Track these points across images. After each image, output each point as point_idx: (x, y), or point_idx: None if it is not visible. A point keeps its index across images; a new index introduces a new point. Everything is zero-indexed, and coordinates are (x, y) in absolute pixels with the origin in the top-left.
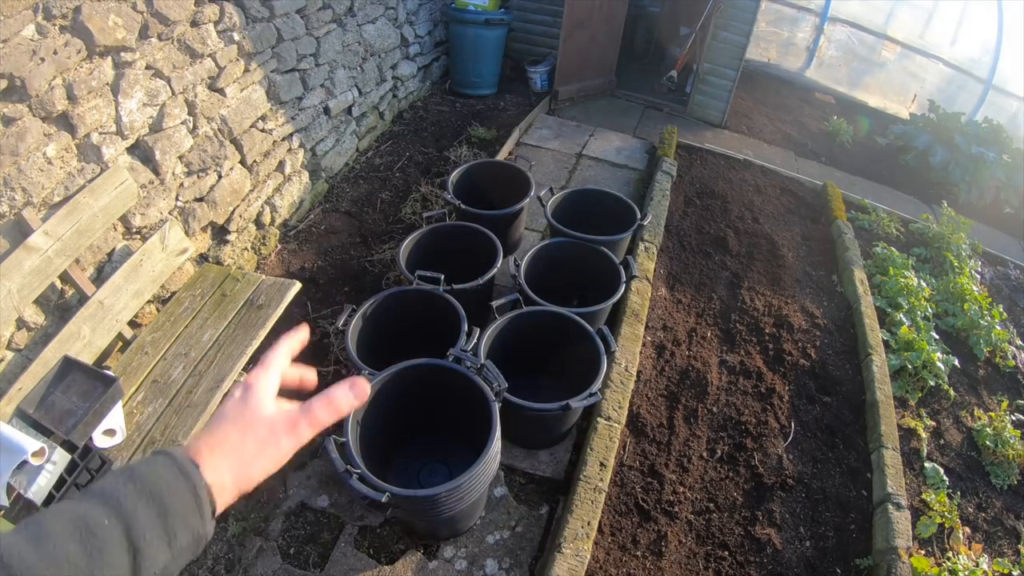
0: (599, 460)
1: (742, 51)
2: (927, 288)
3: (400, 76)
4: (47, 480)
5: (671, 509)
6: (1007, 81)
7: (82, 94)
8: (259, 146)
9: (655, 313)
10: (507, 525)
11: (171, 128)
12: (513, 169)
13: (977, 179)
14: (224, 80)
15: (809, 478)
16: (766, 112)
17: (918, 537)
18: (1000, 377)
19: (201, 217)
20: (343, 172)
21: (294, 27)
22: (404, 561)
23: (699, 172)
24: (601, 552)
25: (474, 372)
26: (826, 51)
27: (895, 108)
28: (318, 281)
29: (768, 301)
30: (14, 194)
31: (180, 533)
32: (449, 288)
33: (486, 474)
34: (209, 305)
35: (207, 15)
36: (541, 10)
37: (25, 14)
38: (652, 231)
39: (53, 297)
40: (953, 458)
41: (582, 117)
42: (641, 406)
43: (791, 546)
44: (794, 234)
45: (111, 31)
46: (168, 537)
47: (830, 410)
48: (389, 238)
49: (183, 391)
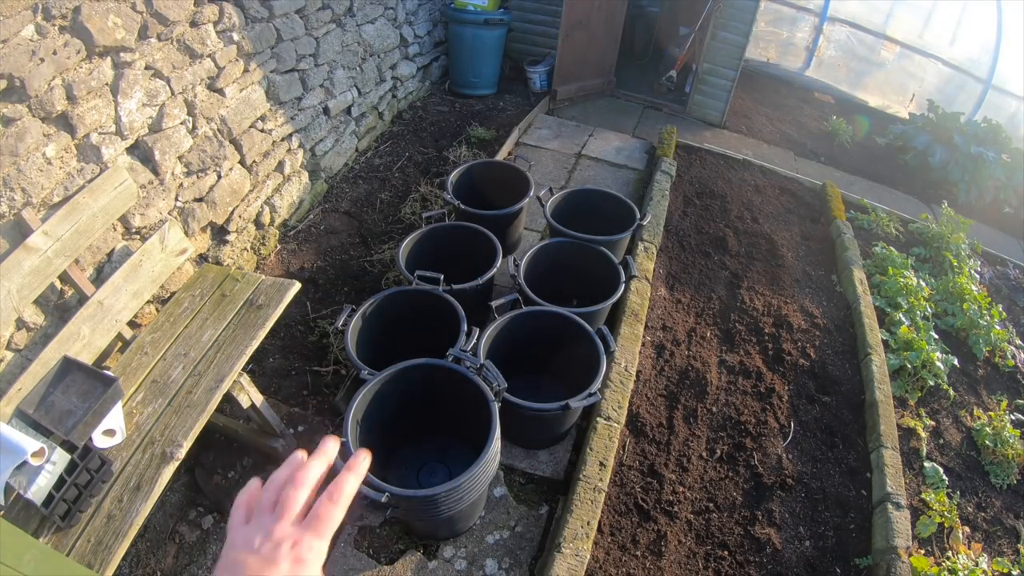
0: (599, 460)
1: (741, 51)
2: (926, 288)
3: (399, 76)
4: (47, 480)
5: (671, 509)
6: (1006, 81)
7: (81, 94)
8: (258, 146)
9: (654, 313)
10: (507, 525)
11: (170, 128)
12: (512, 169)
13: (976, 179)
14: (223, 80)
15: (809, 478)
16: (765, 112)
17: (917, 537)
18: (999, 377)
19: (200, 217)
20: (342, 172)
21: (293, 27)
22: (404, 561)
23: (698, 172)
24: (601, 552)
25: (474, 372)
26: (825, 51)
27: (894, 108)
28: (318, 281)
29: (767, 301)
30: (13, 194)
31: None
32: (448, 288)
33: (486, 474)
34: (209, 305)
35: (206, 15)
36: (540, 10)
37: (24, 14)
38: (651, 231)
39: (53, 297)
40: (953, 458)
41: (581, 117)
42: (641, 406)
43: (791, 546)
44: (793, 234)
45: (110, 31)
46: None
47: (829, 410)
48: (389, 238)
49: (183, 391)
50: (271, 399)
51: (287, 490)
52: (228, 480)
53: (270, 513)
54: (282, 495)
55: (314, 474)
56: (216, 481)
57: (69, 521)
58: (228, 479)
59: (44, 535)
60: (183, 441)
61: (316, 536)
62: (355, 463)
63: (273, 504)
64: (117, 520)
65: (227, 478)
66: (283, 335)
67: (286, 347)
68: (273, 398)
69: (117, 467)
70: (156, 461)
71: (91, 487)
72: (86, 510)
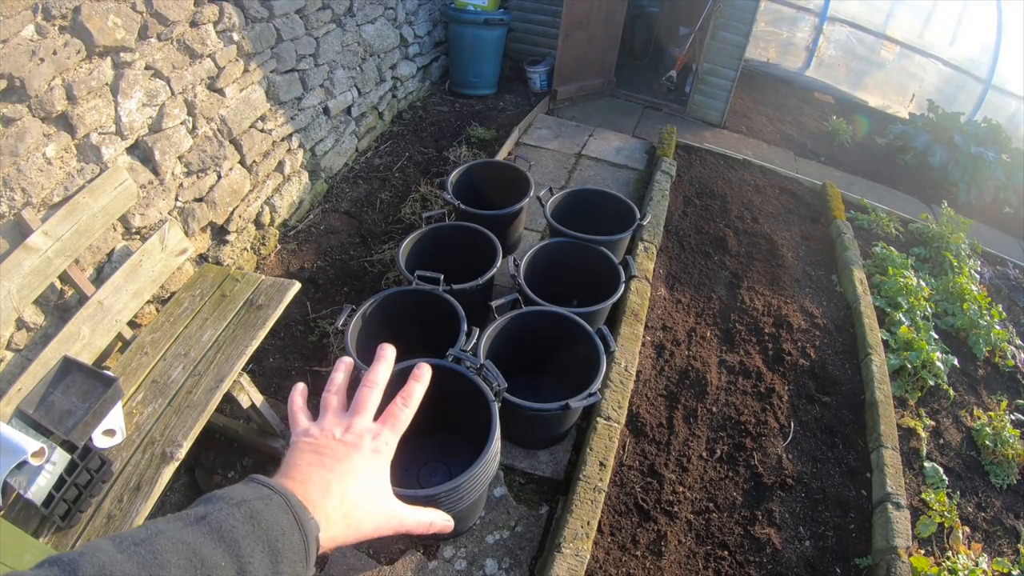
0: (599, 460)
1: (741, 51)
2: (926, 288)
3: (399, 76)
4: (47, 480)
5: (671, 509)
6: (1006, 81)
7: (81, 94)
8: (258, 146)
9: (654, 313)
10: (507, 525)
11: (170, 128)
12: (512, 169)
13: (976, 179)
14: (223, 80)
15: (809, 478)
16: (765, 112)
17: (917, 537)
18: (999, 377)
19: (200, 217)
20: (342, 172)
21: (293, 27)
22: (404, 561)
23: (698, 172)
24: (601, 552)
25: (474, 372)
26: (825, 51)
27: (894, 108)
28: (318, 281)
29: (767, 301)
30: (13, 194)
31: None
32: (448, 288)
33: (486, 474)
34: (209, 305)
35: (206, 15)
36: (540, 10)
37: (25, 14)
38: (651, 231)
39: (53, 297)
40: (952, 458)
41: (581, 117)
42: (641, 406)
43: (791, 546)
44: (793, 234)
45: (110, 31)
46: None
47: (829, 410)
48: (389, 238)
49: (183, 391)
50: (271, 399)
51: (361, 391)
52: (228, 480)
53: (343, 411)
54: (357, 395)
55: (383, 376)
56: (216, 481)
57: (69, 521)
58: (228, 479)
59: (44, 535)
60: (183, 441)
61: (391, 431)
62: (420, 373)
63: (343, 405)
64: (117, 520)
65: (227, 478)
66: (283, 335)
67: (286, 347)
68: (273, 398)
69: (117, 467)
70: (156, 461)
71: (91, 487)
72: (86, 510)
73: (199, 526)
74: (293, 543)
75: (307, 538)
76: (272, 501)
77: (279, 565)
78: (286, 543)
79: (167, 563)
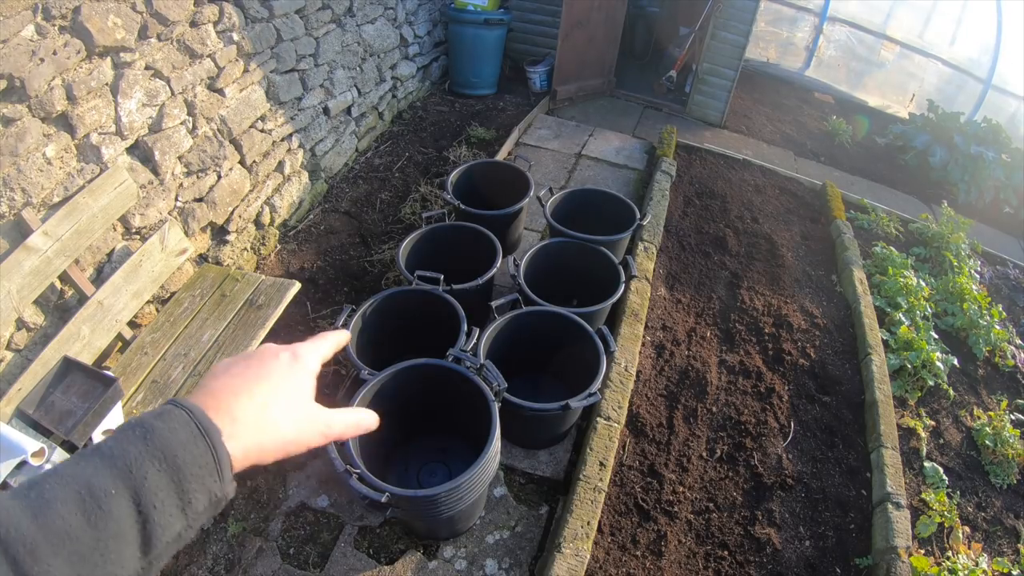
0: (599, 460)
1: (741, 51)
2: (926, 288)
3: (399, 76)
4: None
5: (671, 509)
6: (1006, 81)
7: (81, 94)
8: (258, 146)
9: (654, 313)
10: (507, 525)
11: (170, 128)
12: (512, 169)
13: (976, 179)
14: (223, 80)
15: (808, 478)
16: (765, 112)
17: (917, 536)
18: (999, 376)
19: (200, 217)
20: (342, 172)
21: (293, 27)
22: (404, 561)
23: (698, 172)
24: (601, 552)
25: (474, 372)
26: (825, 51)
27: (894, 108)
28: (317, 281)
29: (767, 301)
30: (13, 194)
31: (196, 497)
32: (448, 288)
33: (486, 474)
34: (208, 305)
35: (206, 15)
36: (540, 10)
37: (24, 14)
38: (651, 231)
39: (52, 297)
40: (952, 457)
41: (581, 117)
42: (641, 406)
43: (791, 546)
44: (793, 234)
45: (110, 31)
46: (182, 503)
47: (829, 410)
48: (388, 238)
49: (183, 391)
50: None
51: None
52: None
53: None
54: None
55: (330, 343)
56: None
57: None
58: None
59: None
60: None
61: (312, 344)
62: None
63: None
64: None
65: None
66: (283, 335)
67: None
68: None
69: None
70: None
71: None
72: None
73: (91, 456)
74: (196, 455)
75: (215, 447)
76: (172, 415)
77: (184, 483)
78: (187, 456)
79: (54, 499)
